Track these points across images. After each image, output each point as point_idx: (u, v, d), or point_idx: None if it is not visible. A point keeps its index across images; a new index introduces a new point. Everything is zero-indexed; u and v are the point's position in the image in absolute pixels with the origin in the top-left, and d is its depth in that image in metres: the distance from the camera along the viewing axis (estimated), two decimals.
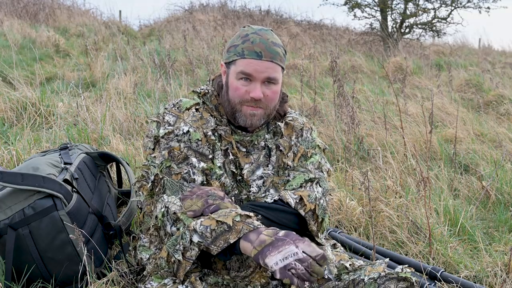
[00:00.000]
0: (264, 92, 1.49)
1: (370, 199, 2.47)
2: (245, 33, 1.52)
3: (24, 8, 9.68)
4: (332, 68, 3.67)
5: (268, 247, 1.28)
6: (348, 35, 12.05)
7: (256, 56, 1.47)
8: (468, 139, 4.05)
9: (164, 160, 1.49)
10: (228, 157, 1.55)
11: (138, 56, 6.36)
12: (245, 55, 1.47)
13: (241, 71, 1.48)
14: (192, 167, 1.48)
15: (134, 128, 3.47)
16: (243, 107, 1.50)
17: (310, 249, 1.27)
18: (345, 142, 3.47)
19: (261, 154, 1.60)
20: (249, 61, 1.47)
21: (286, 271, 1.25)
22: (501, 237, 2.51)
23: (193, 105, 1.57)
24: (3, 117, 3.51)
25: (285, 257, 1.26)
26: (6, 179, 1.59)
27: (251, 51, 1.47)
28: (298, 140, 1.63)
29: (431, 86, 5.81)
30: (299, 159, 1.61)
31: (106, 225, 1.84)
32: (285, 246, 1.27)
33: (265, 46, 1.48)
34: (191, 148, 1.50)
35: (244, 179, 1.56)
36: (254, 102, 1.49)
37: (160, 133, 1.52)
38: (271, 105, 1.53)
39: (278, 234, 1.31)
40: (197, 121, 1.53)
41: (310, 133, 1.67)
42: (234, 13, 12.24)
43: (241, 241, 1.33)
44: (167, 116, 1.55)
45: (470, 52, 11.28)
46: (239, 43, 1.50)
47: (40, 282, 1.65)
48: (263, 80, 1.48)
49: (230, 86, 1.51)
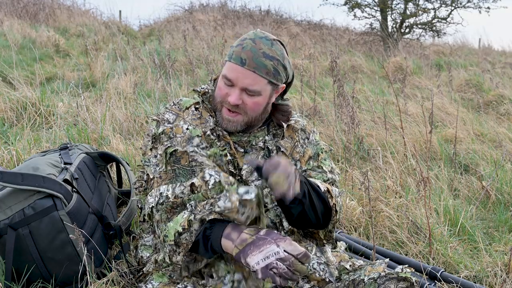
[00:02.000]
0: (244, 100, 1.46)
1: (370, 199, 2.47)
2: (244, 36, 1.50)
3: (24, 8, 9.68)
4: (332, 68, 3.67)
5: (249, 246, 1.27)
6: (348, 35, 12.05)
7: (240, 63, 1.43)
8: (468, 139, 4.05)
9: (167, 148, 1.48)
10: (226, 158, 1.55)
11: (138, 56, 6.36)
12: (231, 59, 1.46)
13: (223, 74, 1.47)
14: (197, 147, 1.48)
15: (134, 128, 3.47)
16: (223, 108, 1.50)
17: (291, 248, 1.26)
18: (345, 142, 3.47)
19: (259, 155, 1.59)
20: (232, 65, 1.45)
21: (268, 271, 1.24)
22: (501, 237, 2.51)
23: (193, 104, 1.57)
24: (3, 117, 3.51)
25: (266, 257, 1.25)
26: (6, 179, 1.59)
27: (237, 57, 1.44)
28: (305, 142, 1.63)
29: (431, 86, 5.81)
30: (307, 161, 1.61)
31: (106, 225, 1.84)
32: (266, 245, 1.26)
33: (252, 54, 1.43)
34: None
35: (243, 179, 1.56)
36: (232, 107, 1.47)
37: (160, 131, 1.52)
38: (252, 114, 1.50)
39: (259, 233, 1.30)
40: (196, 119, 1.53)
41: (314, 136, 1.67)
42: (234, 13, 12.25)
43: (223, 239, 1.32)
44: (167, 114, 1.55)
45: (470, 52, 11.28)
46: (234, 45, 1.50)
47: (40, 282, 1.65)
48: (241, 88, 1.45)
49: (217, 85, 1.52)
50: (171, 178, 1.48)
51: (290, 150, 1.60)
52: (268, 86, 1.48)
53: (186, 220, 1.36)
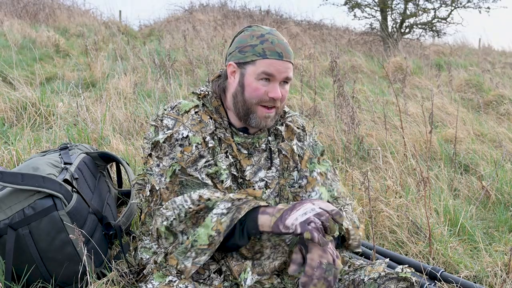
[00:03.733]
0: (281, 91, 1.50)
1: (370, 199, 2.47)
2: (259, 33, 1.51)
3: (24, 8, 9.68)
4: (332, 68, 3.67)
5: (286, 212, 1.32)
6: (348, 35, 12.06)
7: (278, 57, 1.47)
8: (468, 139, 4.05)
9: (174, 162, 1.47)
10: (229, 160, 1.54)
11: (138, 56, 6.36)
12: (267, 56, 1.47)
13: (263, 72, 1.47)
14: (200, 172, 1.47)
15: (134, 128, 3.47)
16: (259, 108, 1.50)
17: (325, 205, 1.32)
18: (345, 142, 3.47)
19: (262, 157, 1.59)
20: (271, 61, 1.47)
21: (306, 225, 1.27)
22: (501, 237, 2.51)
23: (192, 107, 1.55)
24: (3, 117, 3.51)
25: (304, 213, 1.30)
26: (6, 179, 1.59)
27: (273, 52, 1.47)
28: (304, 144, 1.65)
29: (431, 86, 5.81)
30: (306, 162, 1.63)
31: (106, 225, 1.84)
32: (303, 205, 1.32)
33: (284, 46, 1.49)
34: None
35: (247, 181, 1.56)
36: (273, 102, 1.50)
37: (160, 138, 1.49)
38: (283, 104, 1.55)
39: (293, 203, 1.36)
40: (196, 124, 1.51)
41: (313, 138, 1.69)
42: (234, 13, 12.24)
43: (259, 216, 1.35)
44: (166, 119, 1.52)
45: (470, 52, 11.29)
46: (256, 43, 1.49)
47: (40, 282, 1.65)
48: (282, 80, 1.49)
49: (248, 87, 1.49)
50: (178, 189, 1.46)
51: (291, 152, 1.61)
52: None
53: (219, 224, 1.37)
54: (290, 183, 1.59)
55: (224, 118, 1.56)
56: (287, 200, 1.57)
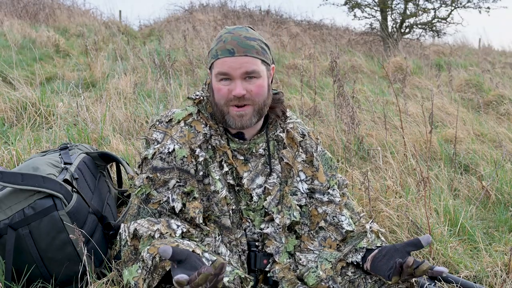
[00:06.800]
0: (247, 88, 1.46)
1: (370, 199, 2.47)
2: (219, 35, 1.52)
3: (24, 8, 9.68)
4: (332, 68, 3.67)
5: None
6: (348, 35, 12.06)
7: (229, 54, 1.45)
8: (468, 139, 4.05)
9: (143, 185, 1.48)
10: (223, 169, 1.52)
11: (138, 56, 6.36)
12: (218, 56, 1.47)
13: (218, 72, 1.47)
14: (172, 192, 1.46)
15: (134, 128, 3.46)
16: (230, 108, 1.48)
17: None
18: (345, 142, 3.47)
19: (260, 162, 1.57)
20: (223, 60, 1.46)
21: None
22: (501, 237, 2.51)
23: (186, 116, 1.55)
24: (3, 117, 3.51)
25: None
26: (6, 179, 1.59)
27: (224, 50, 1.46)
28: (313, 155, 1.63)
29: (431, 86, 5.81)
30: (323, 175, 1.63)
31: (106, 225, 1.84)
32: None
33: (236, 42, 1.46)
34: (174, 169, 1.48)
35: (244, 188, 1.54)
36: (239, 100, 1.46)
37: (149, 153, 1.51)
38: (259, 100, 1.49)
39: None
40: (184, 136, 1.51)
41: (320, 147, 1.69)
42: (234, 13, 12.24)
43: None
44: (155, 133, 1.54)
45: (470, 52, 11.29)
46: (214, 45, 1.50)
47: (40, 282, 1.65)
48: (241, 76, 1.45)
49: (214, 89, 1.50)
50: (134, 214, 1.49)
51: (292, 160, 1.59)
52: (262, 66, 1.49)
53: (141, 278, 1.33)
54: (293, 191, 1.57)
55: (219, 124, 1.55)
56: (289, 208, 1.55)
